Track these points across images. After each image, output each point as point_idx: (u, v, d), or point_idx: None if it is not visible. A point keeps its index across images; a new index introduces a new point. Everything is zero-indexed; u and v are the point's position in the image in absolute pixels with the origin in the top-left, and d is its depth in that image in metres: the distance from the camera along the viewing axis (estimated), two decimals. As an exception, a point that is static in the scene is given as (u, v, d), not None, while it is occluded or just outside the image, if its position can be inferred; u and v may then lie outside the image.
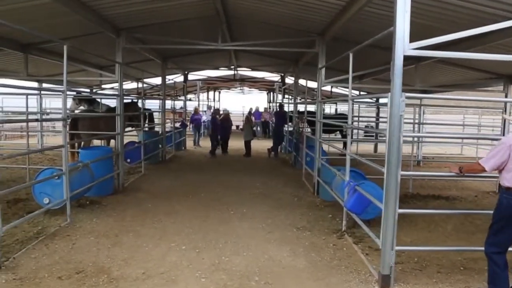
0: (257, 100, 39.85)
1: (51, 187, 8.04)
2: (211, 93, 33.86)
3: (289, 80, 21.08)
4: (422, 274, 5.97)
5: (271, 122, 27.96)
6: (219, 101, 35.14)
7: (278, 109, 19.15)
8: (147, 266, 5.98)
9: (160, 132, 16.21)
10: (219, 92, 35.59)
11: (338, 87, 18.92)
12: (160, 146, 15.56)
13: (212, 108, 26.65)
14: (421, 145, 16.63)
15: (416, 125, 14.24)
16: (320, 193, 10.43)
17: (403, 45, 5.18)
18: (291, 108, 19.41)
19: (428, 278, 5.81)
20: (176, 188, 11.25)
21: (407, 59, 10.97)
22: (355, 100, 18.15)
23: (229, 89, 34.87)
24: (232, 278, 5.68)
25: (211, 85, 29.16)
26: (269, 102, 34.28)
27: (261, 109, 30.72)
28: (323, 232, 7.81)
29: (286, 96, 25.35)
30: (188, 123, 22.20)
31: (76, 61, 12.90)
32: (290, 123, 17.73)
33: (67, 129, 12.44)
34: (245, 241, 7.13)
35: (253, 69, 21.68)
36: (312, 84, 18.59)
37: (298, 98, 16.27)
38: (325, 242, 7.27)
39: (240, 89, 34.05)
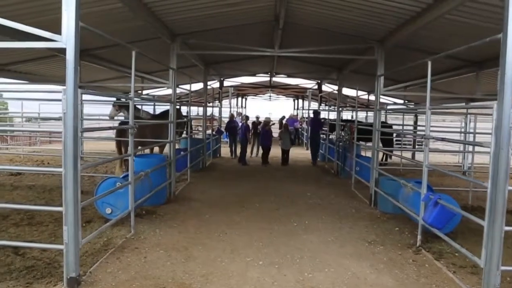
0: (283, 106, 39.64)
1: (114, 197, 7.83)
2: (238, 99, 33.54)
3: (326, 87, 20.76)
4: (521, 295, 5.64)
5: (300, 129, 27.63)
6: (245, 107, 34.86)
7: (314, 116, 18.63)
8: (230, 283, 5.70)
9: (201, 139, 15.91)
10: (246, 99, 35.34)
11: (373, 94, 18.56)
12: (201, 153, 15.29)
13: (241, 115, 25.91)
14: (467, 154, 16.11)
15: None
16: (378, 205, 10.09)
17: (516, 53, 4.86)
18: (331, 115, 19.13)
19: (530, 300, 5.48)
20: (227, 197, 10.99)
21: (468, 66, 10.79)
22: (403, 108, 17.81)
23: (256, 95, 34.59)
24: (323, 296, 5.40)
25: (241, 91, 28.91)
26: (297, 108, 33.99)
27: (287, 116, 30.41)
28: (396, 246, 7.48)
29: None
30: (224, 131, 21.66)
31: (121, 67, 12.79)
32: (331, 131, 17.36)
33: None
34: (320, 256, 6.84)
35: (289, 76, 21.33)
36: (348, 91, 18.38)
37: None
38: (402, 257, 6.94)
39: (269, 96, 33.73)
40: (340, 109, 16.36)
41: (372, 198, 10.35)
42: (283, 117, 27.55)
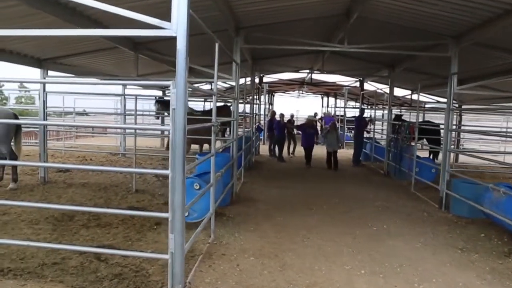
0: (311, 104, 39.13)
1: (190, 199, 7.39)
2: (267, 95, 32.84)
3: (368, 85, 20.23)
4: None
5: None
6: (272, 104, 34.21)
7: (360, 115, 18.03)
8: (341, 295, 5.29)
9: (249, 137, 15.38)
10: (273, 95, 34.74)
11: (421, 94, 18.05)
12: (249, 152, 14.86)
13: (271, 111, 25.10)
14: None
15: None
16: (451, 208, 9.63)
17: None
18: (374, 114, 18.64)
19: None
20: (289, 198, 10.58)
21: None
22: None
23: (284, 92, 34.03)
24: (444, 310, 4.98)
25: (271, 88, 28.32)
26: (326, 106, 33.45)
27: (319, 113, 29.91)
28: (491, 254, 7.04)
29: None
30: (263, 128, 21.15)
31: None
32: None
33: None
34: (420, 264, 6.41)
35: (331, 72, 20.69)
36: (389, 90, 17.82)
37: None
38: (505, 267, 6.49)
39: (301, 92, 33.10)
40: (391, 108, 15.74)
41: (443, 201, 9.86)
42: (316, 114, 26.92)
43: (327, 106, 33.27)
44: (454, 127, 16.61)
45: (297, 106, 35.86)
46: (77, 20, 7.26)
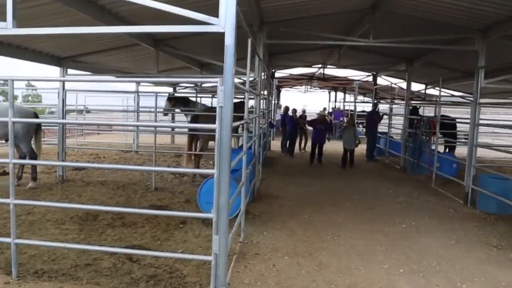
0: (318, 99, 38.95)
1: (219, 196, 7.26)
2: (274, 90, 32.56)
3: (382, 80, 20.01)
4: None
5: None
6: (278, 99, 34.02)
7: (374, 110, 17.89)
8: (385, 295, 5.16)
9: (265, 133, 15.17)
10: (280, 91, 34.52)
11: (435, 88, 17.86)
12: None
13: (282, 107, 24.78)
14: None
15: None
16: (478, 204, 9.51)
17: None
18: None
19: None
20: (310, 194, 10.49)
21: None
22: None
23: (291, 87, 33.79)
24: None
25: (279, 83, 28.09)
26: (334, 101, 33.25)
27: (328, 108, 29.70)
28: (529, 252, 6.93)
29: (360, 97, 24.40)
30: (274, 123, 20.94)
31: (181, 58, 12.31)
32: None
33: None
34: (456, 262, 6.31)
35: (342, 67, 20.37)
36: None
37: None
38: (546, 266, 6.37)
39: (309, 87, 32.80)
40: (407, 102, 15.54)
41: (469, 196, 9.73)
42: (324, 109, 26.76)
43: (335, 101, 33.08)
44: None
45: (304, 101, 35.76)
46: (106, 18, 7.13)
